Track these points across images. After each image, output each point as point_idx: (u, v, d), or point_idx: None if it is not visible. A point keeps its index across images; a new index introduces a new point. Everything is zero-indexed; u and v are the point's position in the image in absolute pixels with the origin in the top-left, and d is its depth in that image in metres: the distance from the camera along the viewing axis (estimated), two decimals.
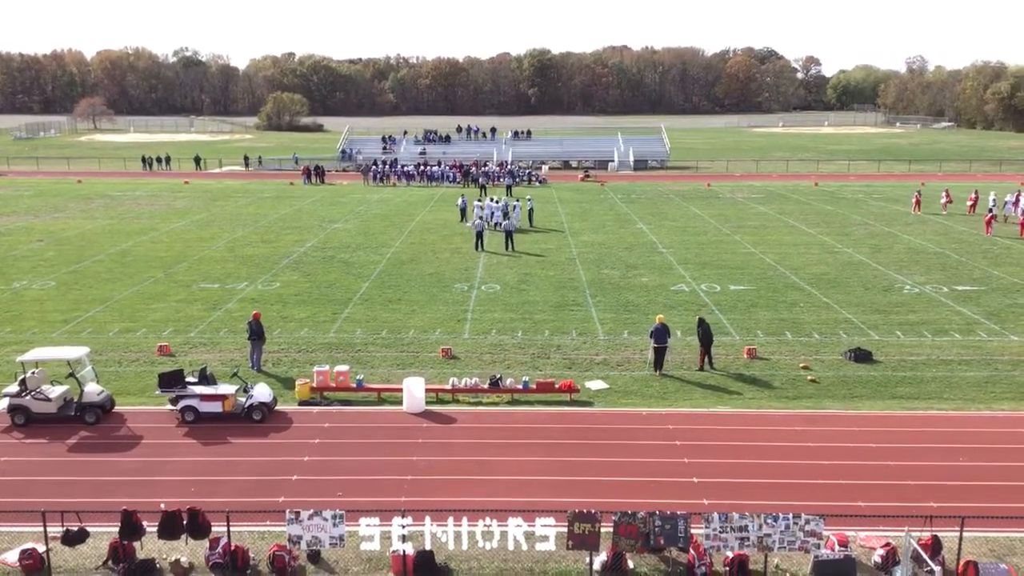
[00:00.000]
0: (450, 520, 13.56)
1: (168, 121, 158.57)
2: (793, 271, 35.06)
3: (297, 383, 21.33)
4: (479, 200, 48.03)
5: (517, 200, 47.57)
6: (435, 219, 49.30)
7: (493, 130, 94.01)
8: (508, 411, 20.61)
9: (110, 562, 13.98)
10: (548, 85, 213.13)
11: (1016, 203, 47.88)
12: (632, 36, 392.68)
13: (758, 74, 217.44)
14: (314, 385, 21.32)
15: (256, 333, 23.20)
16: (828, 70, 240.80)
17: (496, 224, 44.32)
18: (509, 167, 71.47)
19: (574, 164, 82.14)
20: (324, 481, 16.88)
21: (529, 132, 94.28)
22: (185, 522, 13.90)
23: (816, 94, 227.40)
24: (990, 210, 44.79)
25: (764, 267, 35.95)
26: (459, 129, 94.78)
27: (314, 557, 14.13)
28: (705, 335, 23.31)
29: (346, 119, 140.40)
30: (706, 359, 23.46)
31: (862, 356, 23.90)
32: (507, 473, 17.16)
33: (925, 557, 12.99)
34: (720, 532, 13.39)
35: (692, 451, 18.17)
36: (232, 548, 13.83)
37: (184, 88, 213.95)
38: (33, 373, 20.07)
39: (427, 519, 13.54)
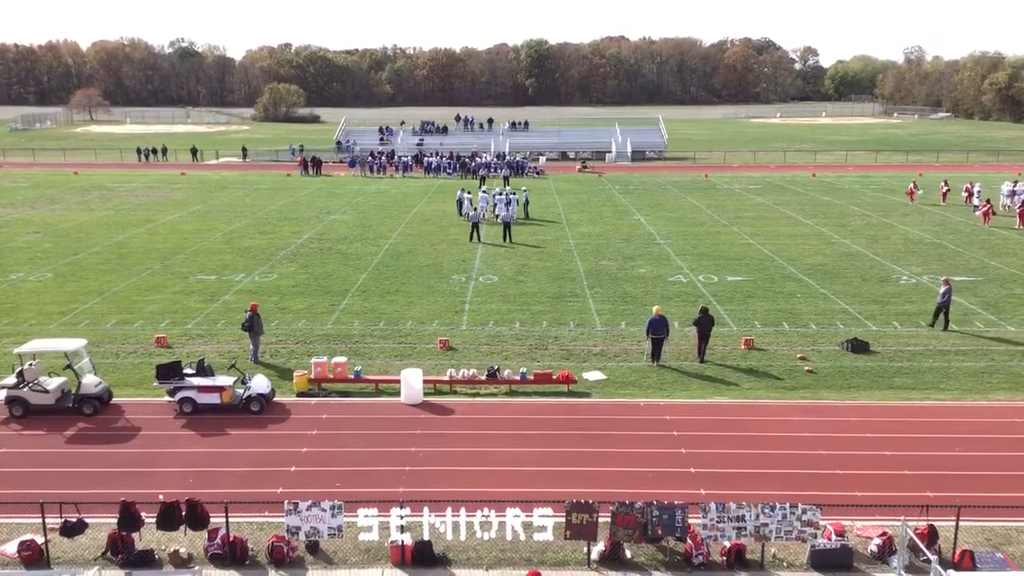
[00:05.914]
0: (448, 511, 13.60)
1: (164, 112, 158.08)
2: (790, 262, 35.07)
3: (295, 374, 21.34)
4: (481, 190, 47.89)
5: (513, 191, 47.41)
6: (432, 210, 49.24)
7: (490, 121, 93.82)
8: (506, 402, 20.64)
9: (109, 553, 14.01)
10: (546, 76, 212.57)
11: (1012, 194, 47.96)
12: (630, 27, 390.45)
13: (756, 64, 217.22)
14: (312, 376, 21.33)
15: (254, 324, 23.21)
16: (826, 60, 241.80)
17: (497, 215, 44.23)
18: (508, 158, 71.37)
19: (572, 155, 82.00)
20: (322, 472, 16.91)
21: (527, 123, 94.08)
22: (184, 513, 13.93)
23: (814, 84, 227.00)
24: (987, 201, 44.83)
25: (761, 258, 35.96)
26: (457, 119, 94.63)
27: (313, 548, 14.16)
28: (705, 324, 23.17)
29: (343, 110, 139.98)
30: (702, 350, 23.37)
31: (859, 346, 23.92)
32: (505, 464, 17.20)
33: (921, 546, 13.04)
34: (717, 522, 13.46)
35: (689, 441, 18.22)
36: (231, 539, 13.88)
37: (180, 79, 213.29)
38: (31, 365, 20.05)
39: (425, 510, 13.59)
